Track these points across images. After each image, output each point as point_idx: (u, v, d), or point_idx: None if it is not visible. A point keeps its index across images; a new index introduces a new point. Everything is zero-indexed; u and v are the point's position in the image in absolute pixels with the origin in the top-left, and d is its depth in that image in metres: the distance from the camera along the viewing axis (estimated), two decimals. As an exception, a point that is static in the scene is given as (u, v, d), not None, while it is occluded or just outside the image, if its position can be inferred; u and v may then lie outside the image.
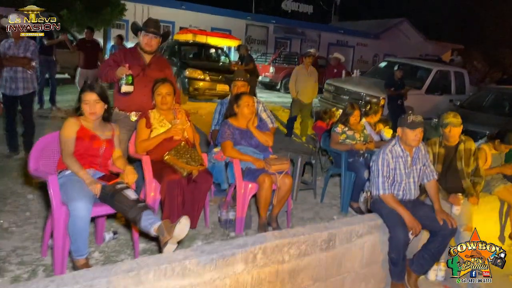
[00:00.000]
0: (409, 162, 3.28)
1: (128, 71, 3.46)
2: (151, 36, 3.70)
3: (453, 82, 10.30)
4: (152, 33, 3.69)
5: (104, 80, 3.71)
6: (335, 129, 4.63)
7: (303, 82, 8.12)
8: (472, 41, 28.78)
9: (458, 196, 3.53)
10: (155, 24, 3.72)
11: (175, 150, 3.34)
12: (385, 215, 3.22)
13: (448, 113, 3.68)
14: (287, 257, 2.74)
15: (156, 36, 3.71)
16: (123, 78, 3.43)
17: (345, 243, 3.06)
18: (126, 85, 3.45)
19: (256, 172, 3.56)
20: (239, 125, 3.76)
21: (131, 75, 3.47)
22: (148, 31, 3.67)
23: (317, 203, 4.67)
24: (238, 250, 2.49)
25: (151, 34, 3.69)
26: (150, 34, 3.69)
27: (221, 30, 20.44)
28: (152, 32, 3.69)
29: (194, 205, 3.35)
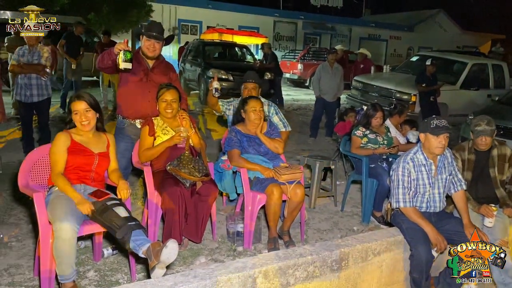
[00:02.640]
0: (433, 171, 2.95)
1: (126, 47, 3.14)
2: (153, 41, 3.50)
3: (491, 75, 9.65)
4: (154, 38, 3.49)
5: (101, 64, 3.41)
6: (355, 132, 4.30)
7: (327, 80, 7.79)
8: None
9: (490, 207, 3.16)
10: (158, 27, 3.52)
11: (178, 160, 3.14)
12: (406, 230, 2.91)
13: (482, 119, 3.28)
14: (292, 280, 2.49)
15: (158, 40, 3.51)
16: (120, 53, 3.11)
17: (360, 262, 2.77)
18: (125, 61, 3.11)
19: (265, 182, 3.31)
20: (247, 131, 3.52)
21: (129, 51, 3.15)
22: (150, 36, 3.48)
23: (337, 211, 4.37)
24: (234, 275, 2.27)
25: (153, 39, 3.49)
26: (153, 39, 3.50)
27: (248, 28, 20.29)
28: (154, 37, 3.49)
29: (198, 218, 3.13)
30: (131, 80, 3.48)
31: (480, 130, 3.23)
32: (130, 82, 3.48)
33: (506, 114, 7.42)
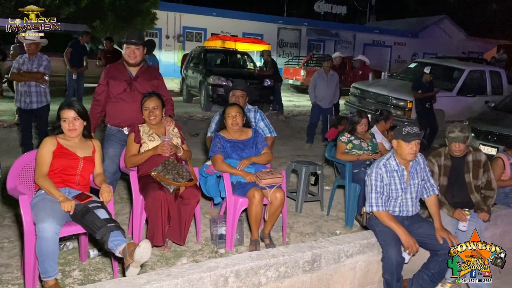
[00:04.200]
0: (405, 176, 3.05)
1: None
2: (133, 48, 3.65)
3: (488, 82, 9.70)
4: (133, 44, 3.64)
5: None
6: (340, 138, 4.42)
7: (322, 87, 7.92)
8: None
9: (464, 211, 3.25)
10: (137, 35, 3.69)
11: (162, 165, 3.28)
12: (379, 232, 3.02)
13: (455, 126, 3.38)
14: (264, 279, 2.60)
15: (138, 46, 3.65)
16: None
17: (332, 263, 2.88)
18: None
19: (247, 186, 3.44)
20: (230, 137, 3.65)
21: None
22: (128, 43, 3.63)
23: (322, 216, 4.48)
24: (206, 274, 2.39)
25: (132, 45, 3.64)
26: (132, 46, 3.65)
27: (252, 35, 20.49)
28: (132, 43, 3.64)
29: (181, 221, 3.27)
30: (115, 92, 3.63)
31: (453, 137, 3.33)
32: (115, 94, 3.64)
33: (500, 120, 7.47)
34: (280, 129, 9.91)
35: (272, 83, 10.98)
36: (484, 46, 28.06)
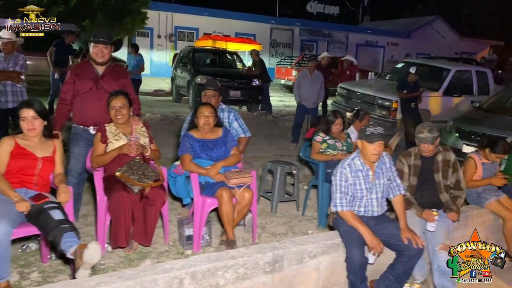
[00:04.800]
0: (370, 176, 3.03)
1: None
2: (101, 47, 3.61)
3: (475, 82, 9.69)
4: (102, 42, 3.60)
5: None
6: (315, 138, 4.40)
7: (307, 87, 7.91)
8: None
9: (431, 212, 3.23)
10: (105, 33, 3.65)
11: (127, 166, 3.25)
12: (343, 233, 2.99)
13: (424, 126, 3.35)
14: (222, 281, 2.57)
15: (106, 45, 3.62)
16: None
17: (295, 264, 2.85)
18: None
19: (215, 186, 3.41)
20: (200, 136, 3.62)
21: None
22: (97, 41, 3.59)
23: (297, 216, 4.45)
24: (160, 276, 2.36)
25: (101, 44, 3.60)
26: (100, 45, 3.61)
27: (245, 35, 20.44)
28: (101, 42, 3.60)
29: (147, 222, 3.24)
30: (81, 91, 3.59)
31: (422, 137, 3.31)
32: (81, 92, 3.60)
33: (484, 120, 7.48)
34: (267, 129, 9.91)
35: (260, 83, 10.95)
36: (477, 47, 28.14)
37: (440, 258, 3.19)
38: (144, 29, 18.04)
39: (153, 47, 19.46)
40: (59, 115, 3.67)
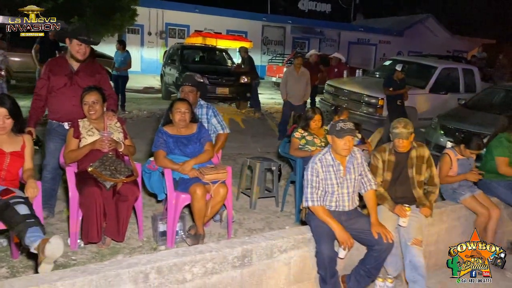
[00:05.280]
0: (341, 171, 3.04)
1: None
2: (85, 45, 3.61)
3: (461, 80, 9.75)
4: (86, 42, 3.60)
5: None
6: (294, 134, 4.40)
7: (293, 84, 7.92)
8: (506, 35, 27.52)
9: (404, 207, 3.25)
10: (85, 30, 3.63)
11: (100, 161, 3.24)
12: (314, 228, 3.00)
13: (399, 121, 3.35)
14: (189, 276, 2.57)
15: (89, 44, 3.62)
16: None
17: (265, 259, 2.85)
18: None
19: (189, 182, 3.41)
20: (174, 132, 3.61)
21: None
22: (81, 40, 3.58)
23: (276, 212, 4.47)
24: (124, 270, 2.35)
25: (85, 43, 3.59)
26: (84, 44, 3.60)
27: (236, 32, 20.42)
28: (86, 41, 3.60)
29: (119, 218, 3.23)
30: (56, 86, 3.58)
31: (397, 133, 3.31)
32: (55, 88, 3.58)
33: (468, 117, 7.53)
34: (255, 127, 9.91)
35: (248, 80, 10.94)
36: (468, 45, 28.29)
37: (412, 253, 3.20)
38: (134, 26, 17.98)
39: (143, 44, 19.39)
40: (34, 110, 3.66)
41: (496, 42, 28.16)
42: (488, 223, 3.88)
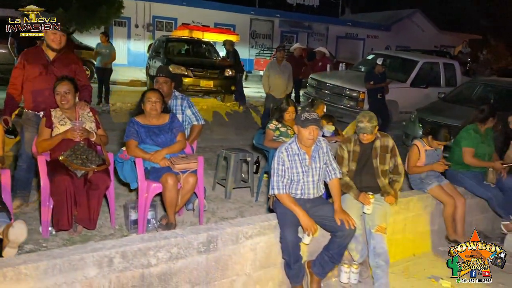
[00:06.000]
0: (307, 160, 3.13)
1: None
2: (60, 34, 3.65)
3: (442, 74, 9.91)
4: (62, 30, 3.64)
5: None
6: (268, 126, 4.49)
7: (275, 77, 7.98)
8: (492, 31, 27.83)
9: (367, 195, 3.35)
10: (62, 19, 3.68)
11: (71, 150, 3.29)
12: (279, 215, 3.10)
13: (364, 115, 3.42)
14: (154, 260, 2.64)
15: (64, 33, 3.66)
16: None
17: (230, 244, 2.94)
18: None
19: (160, 171, 3.47)
20: (146, 122, 3.67)
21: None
22: (57, 28, 3.62)
23: (250, 201, 4.56)
24: (89, 254, 2.42)
25: (60, 31, 3.63)
26: (59, 32, 3.64)
27: (224, 26, 20.36)
28: (62, 29, 3.64)
29: (90, 206, 3.29)
30: (31, 75, 3.62)
31: (361, 127, 3.39)
32: (31, 77, 3.62)
33: (446, 111, 7.67)
34: (239, 120, 9.98)
35: (233, 73, 10.99)
36: (455, 40, 28.53)
37: (376, 239, 3.32)
38: (121, 19, 17.88)
39: (130, 37, 19.29)
40: (9, 99, 3.69)
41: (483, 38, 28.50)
42: (455, 213, 4.01)
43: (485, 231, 4.59)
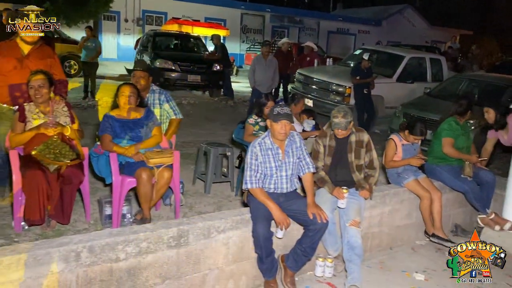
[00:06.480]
0: (280, 155, 3.13)
1: None
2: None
3: (429, 69, 9.94)
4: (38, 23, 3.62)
5: None
6: (248, 120, 4.48)
7: (261, 72, 7.98)
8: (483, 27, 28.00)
9: (342, 189, 3.36)
10: (37, 14, 3.65)
11: (44, 144, 3.27)
12: (252, 209, 3.10)
13: (339, 111, 3.39)
14: (123, 255, 2.64)
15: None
16: None
17: (202, 239, 2.94)
18: None
19: (134, 166, 3.46)
20: (120, 116, 3.65)
21: None
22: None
23: (230, 196, 4.56)
24: (55, 249, 2.41)
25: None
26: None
27: (215, 20, 20.29)
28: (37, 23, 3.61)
29: (64, 201, 3.28)
30: (5, 69, 3.58)
31: (336, 122, 3.38)
32: (5, 71, 3.58)
33: (431, 106, 7.71)
34: (226, 115, 9.96)
35: (221, 68, 10.95)
36: (447, 36, 28.57)
37: (350, 233, 3.33)
38: (110, 13, 17.73)
39: (120, 31, 19.17)
40: None
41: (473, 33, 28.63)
42: (432, 207, 4.03)
43: (463, 224, 4.63)
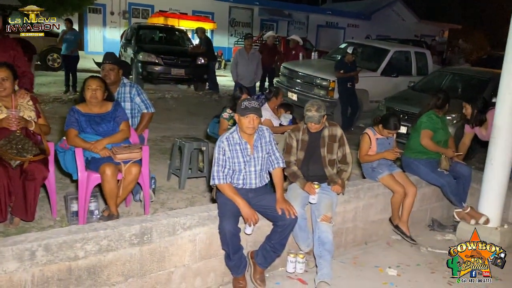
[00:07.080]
0: (249, 150, 3.06)
1: None
2: None
3: (413, 63, 9.92)
4: None
5: None
6: (222, 115, 4.41)
7: (243, 65, 7.90)
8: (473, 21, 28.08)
9: (313, 185, 3.31)
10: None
11: (6, 140, 3.17)
12: (220, 205, 3.04)
13: (312, 104, 3.33)
14: (82, 253, 2.56)
15: None
16: None
17: (166, 236, 2.87)
18: None
19: (100, 162, 3.37)
20: (87, 110, 3.55)
21: None
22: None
23: (204, 191, 4.49)
24: (7, 248, 2.32)
25: None
26: None
27: (203, 13, 20.12)
28: None
29: (27, 197, 3.18)
30: None
31: (309, 116, 3.31)
32: None
33: (413, 100, 7.68)
34: (210, 109, 9.84)
35: (205, 61, 10.83)
36: (436, 30, 28.68)
37: (321, 229, 3.27)
38: (96, 5, 17.50)
39: (106, 24, 18.91)
40: None
41: (462, 28, 28.73)
42: (404, 201, 4.00)
43: (440, 219, 4.62)
